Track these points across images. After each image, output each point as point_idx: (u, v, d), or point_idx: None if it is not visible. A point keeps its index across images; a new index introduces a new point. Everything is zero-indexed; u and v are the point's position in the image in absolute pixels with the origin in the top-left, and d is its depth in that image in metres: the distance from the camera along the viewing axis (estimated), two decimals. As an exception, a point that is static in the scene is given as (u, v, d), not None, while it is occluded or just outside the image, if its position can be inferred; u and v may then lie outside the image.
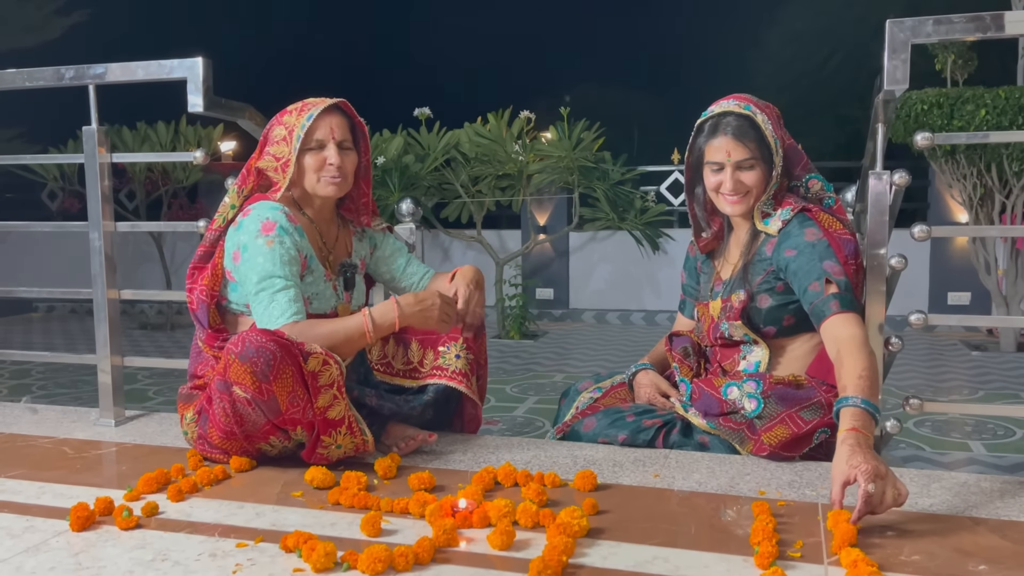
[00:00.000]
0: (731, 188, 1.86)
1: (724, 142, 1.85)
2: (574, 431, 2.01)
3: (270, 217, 1.83)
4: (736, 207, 1.89)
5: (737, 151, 1.84)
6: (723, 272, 2.00)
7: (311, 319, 1.82)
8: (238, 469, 1.78)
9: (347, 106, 1.94)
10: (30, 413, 2.38)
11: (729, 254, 2.00)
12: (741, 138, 1.84)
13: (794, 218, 1.86)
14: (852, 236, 1.85)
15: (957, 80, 5.55)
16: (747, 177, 1.86)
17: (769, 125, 1.86)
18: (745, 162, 1.85)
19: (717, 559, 1.31)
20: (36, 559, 1.34)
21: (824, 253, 1.79)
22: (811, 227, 1.83)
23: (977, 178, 5.35)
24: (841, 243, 1.81)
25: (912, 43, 1.69)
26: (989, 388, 4.45)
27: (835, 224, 1.84)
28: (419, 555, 1.30)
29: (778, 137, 1.87)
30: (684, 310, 2.19)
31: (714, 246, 2.05)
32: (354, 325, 1.79)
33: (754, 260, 1.91)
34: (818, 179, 1.95)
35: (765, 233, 1.89)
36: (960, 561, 1.30)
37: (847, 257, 1.80)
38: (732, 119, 1.86)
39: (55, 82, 2.24)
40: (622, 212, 6.34)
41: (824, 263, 1.77)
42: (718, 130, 1.87)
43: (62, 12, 9.58)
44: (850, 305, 1.74)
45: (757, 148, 1.85)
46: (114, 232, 2.28)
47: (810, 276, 1.77)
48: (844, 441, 1.45)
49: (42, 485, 1.73)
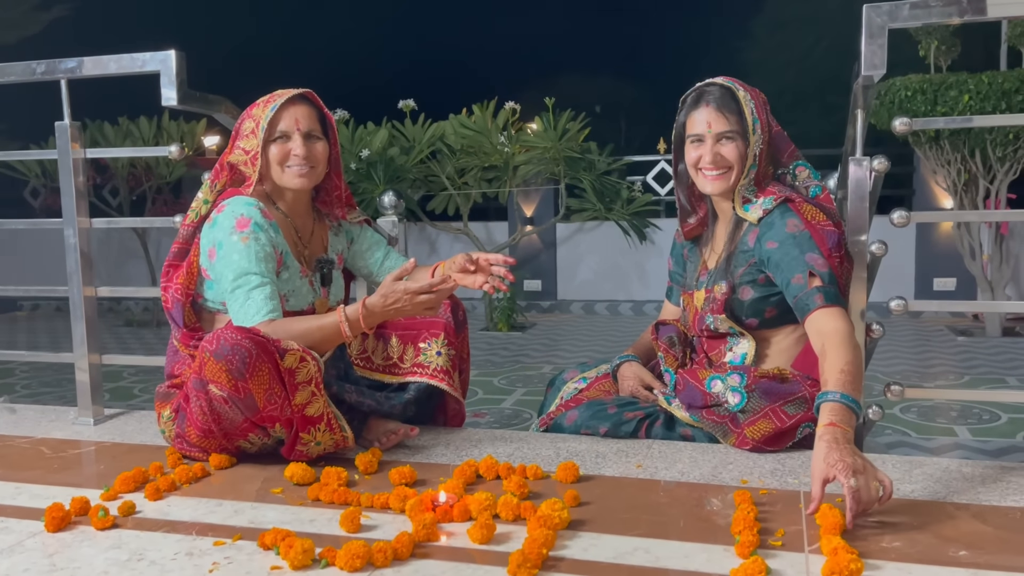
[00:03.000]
0: (710, 161, 1.83)
1: (705, 113, 1.84)
2: (557, 424, 2.00)
3: (244, 213, 1.81)
4: (716, 183, 1.86)
5: (718, 122, 1.82)
6: (709, 261, 1.98)
7: (288, 317, 1.80)
8: (218, 466, 1.76)
9: (313, 96, 1.91)
10: (8, 413, 2.35)
11: (715, 243, 1.98)
12: (722, 109, 1.82)
13: (776, 208, 1.83)
14: (836, 227, 1.81)
15: (941, 66, 5.55)
16: (727, 150, 1.83)
17: (752, 103, 1.84)
18: (726, 134, 1.82)
19: (699, 549, 1.31)
20: (10, 560, 1.32)
21: (807, 245, 1.76)
22: (792, 218, 1.80)
23: (961, 164, 5.36)
24: (824, 235, 1.78)
25: (889, 28, 1.68)
26: (975, 373, 4.46)
27: (818, 215, 1.81)
28: (398, 550, 1.29)
29: (761, 120, 1.84)
30: (671, 297, 2.18)
31: (699, 232, 2.03)
32: (329, 323, 1.77)
33: (737, 250, 1.89)
34: (805, 167, 1.93)
35: (747, 221, 1.87)
36: (942, 547, 1.30)
37: (831, 249, 1.77)
38: (715, 90, 1.84)
39: (27, 77, 2.20)
40: (609, 202, 6.32)
41: (807, 255, 1.75)
42: (700, 101, 1.85)
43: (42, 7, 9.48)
44: (835, 299, 1.72)
45: (738, 122, 1.82)
46: (90, 229, 2.26)
47: (793, 269, 1.75)
48: (822, 437, 1.43)
49: (18, 486, 1.70)
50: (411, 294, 1.73)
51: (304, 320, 1.78)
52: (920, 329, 5.96)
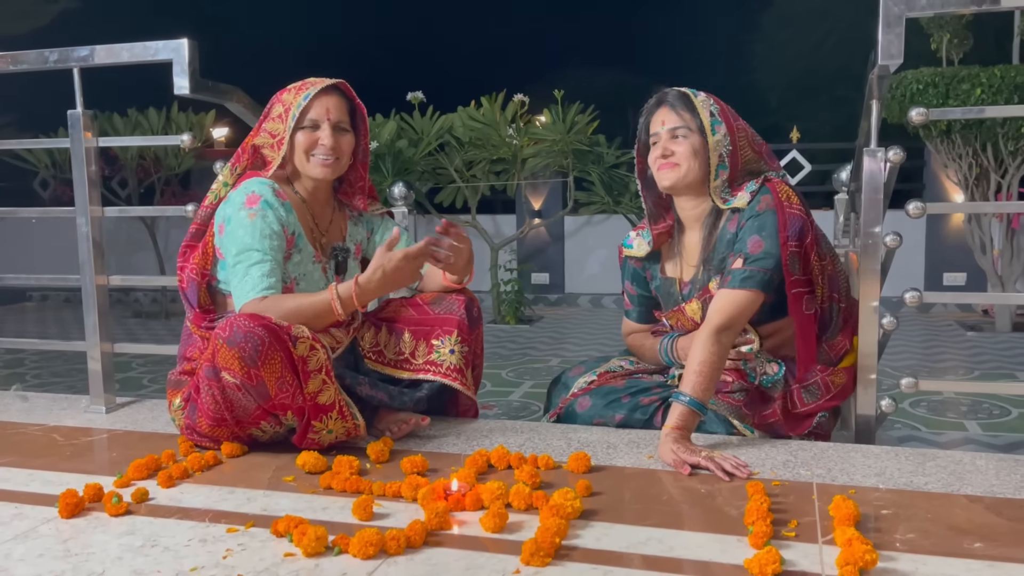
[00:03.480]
0: (660, 154, 1.86)
1: (660, 113, 1.88)
2: (569, 411, 2.00)
3: (256, 191, 1.82)
4: (667, 175, 1.86)
5: (671, 119, 1.86)
6: (685, 275, 1.98)
7: (286, 295, 1.80)
8: (229, 455, 1.77)
9: (347, 87, 1.91)
10: (20, 401, 2.36)
11: (687, 254, 1.97)
12: (675, 107, 1.86)
13: (759, 188, 1.83)
14: (803, 215, 1.80)
15: (952, 59, 5.52)
16: (677, 144, 1.85)
17: (715, 108, 1.85)
18: (678, 129, 1.85)
19: (711, 539, 1.30)
20: (25, 546, 1.33)
21: (757, 228, 1.78)
22: (766, 195, 1.81)
23: (973, 158, 5.33)
24: (788, 219, 1.78)
25: (907, 16, 1.67)
26: (984, 368, 4.45)
27: (793, 197, 1.81)
28: (411, 538, 1.29)
29: (727, 123, 1.84)
30: (631, 316, 2.16)
31: (665, 241, 2.02)
32: (321, 300, 1.77)
33: (717, 244, 1.88)
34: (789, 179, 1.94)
35: (733, 209, 1.85)
36: (955, 539, 1.29)
37: (788, 237, 1.77)
38: (673, 92, 1.88)
39: (39, 65, 2.20)
40: (617, 195, 6.31)
41: (751, 238, 1.78)
42: (658, 104, 1.90)
43: (52, -1, 9.51)
44: (740, 282, 1.75)
45: (692, 119, 1.84)
46: (102, 218, 2.26)
47: (738, 250, 1.80)
48: (668, 436, 1.65)
49: (31, 472, 1.71)
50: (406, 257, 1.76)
51: (297, 297, 1.78)
52: (929, 324, 5.94)
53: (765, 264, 1.76)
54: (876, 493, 1.49)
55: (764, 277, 1.76)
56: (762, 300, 1.79)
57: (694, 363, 1.71)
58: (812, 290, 1.83)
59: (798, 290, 1.80)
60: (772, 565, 1.16)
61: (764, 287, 1.77)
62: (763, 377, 1.85)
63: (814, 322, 1.86)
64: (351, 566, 1.23)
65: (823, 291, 1.85)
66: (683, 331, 2.00)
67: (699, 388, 1.69)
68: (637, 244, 2.05)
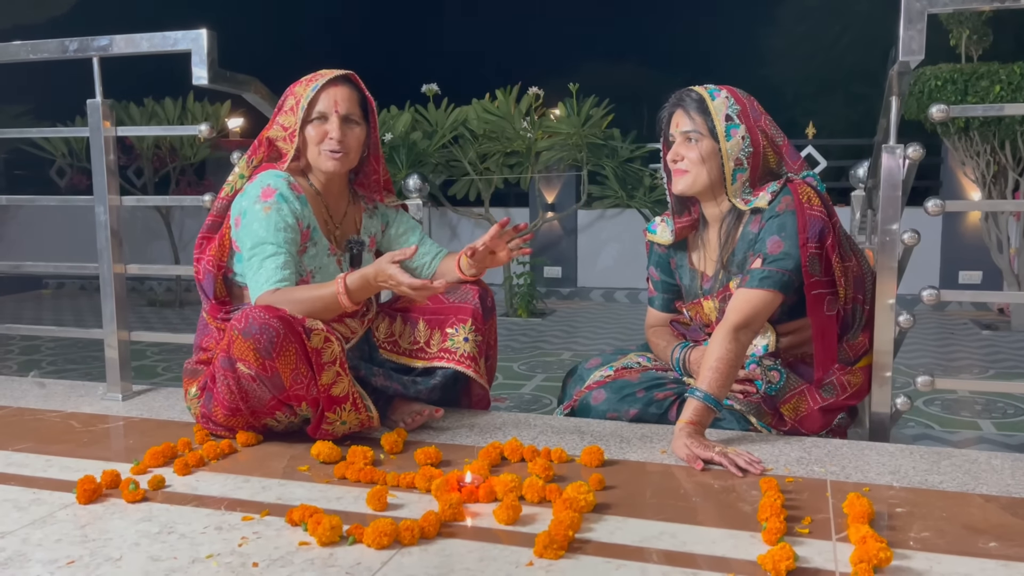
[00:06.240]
0: (671, 157, 1.86)
1: (675, 115, 1.88)
2: (583, 404, 2.00)
3: (271, 184, 1.82)
4: (679, 180, 1.86)
5: (684, 122, 1.85)
6: (708, 269, 1.97)
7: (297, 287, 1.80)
8: (244, 444, 1.78)
9: (356, 79, 1.91)
10: (38, 387, 2.38)
11: (708, 249, 1.97)
12: (688, 110, 1.84)
13: (781, 189, 1.82)
14: (823, 217, 1.78)
15: (972, 56, 5.46)
16: (688, 151, 1.84)
17: (735, 109, 1.82)
18: (689, 133, 1.84)
19: (725, 535, 1.30)
20: (43, 531, 1.35)
21: (777, 228, 1.77)
22: (787, 196, 1.80)
23: (991, 155, 5.29)
24: (808, 220, 1.76)
25: (928, 12, 1.65)
26: (1000, 367, 4.42)
27: (813, 199, 1.79)
28: (425, 529, 1.30)
29: (747, 125, 1.81)
30: (655, 304, 2.13)
31: (689, 233, 2.01)
32: (328, 293, 1.76)
33: (739, 244, 1.87)
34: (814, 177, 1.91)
35: (755, 209, 1.84)
36: (970, 538, 1.29)
37: (808, 238, 1.76)
38: (692, 94, 1.86)
39: (59, 54, 2.22)
40: (631, 190, 6.29)
41: (769, 239, 1.77)
42: (675, 103, 1.88)
43: (68, -13, 9.55)
44: (759, 282, 1.75)
45: (704, 123, 1.83)
46: (120, 207, 2.27)
47: (758, 251, 1.79)
48: (682, 430, 1.66)
49: (49, 458, 1.73)
50: (397, 283, 1.70)
51: (306, 288, 1.79)
52: (945, 322, 5.90)
53: (784, 265, 1.76)
54: (890, 491, 1.49)
55: (783, 278, 1.76)
56: (780, 300, 1.78)
57: (711, 359, 1.71)
58: (834, 291, 1.81)
59: (818, 291, 1.78)
60: (786, 561, 1.16)
61: (782, 288, 1.76)
62: (767, 386, 1.84)
63: (835, 323, 1.83)
64: (365, 556, 1.24)
65: (847, 292, 1.83)
66: (701, 324, 1.99)
67: (715, 384, 1.69)
68: (661, 231, 2.04)
